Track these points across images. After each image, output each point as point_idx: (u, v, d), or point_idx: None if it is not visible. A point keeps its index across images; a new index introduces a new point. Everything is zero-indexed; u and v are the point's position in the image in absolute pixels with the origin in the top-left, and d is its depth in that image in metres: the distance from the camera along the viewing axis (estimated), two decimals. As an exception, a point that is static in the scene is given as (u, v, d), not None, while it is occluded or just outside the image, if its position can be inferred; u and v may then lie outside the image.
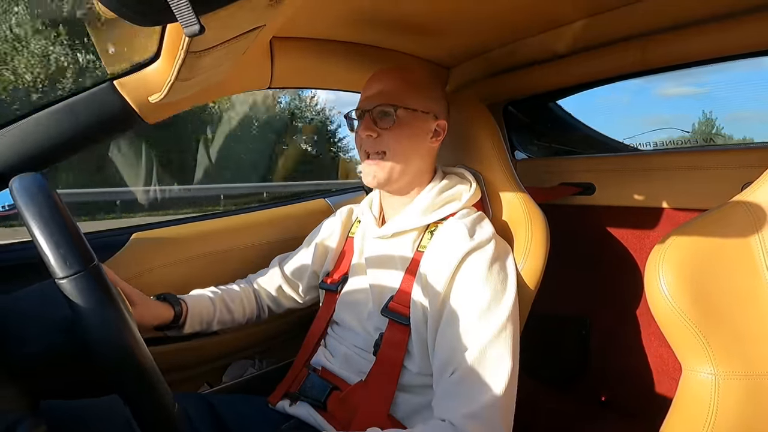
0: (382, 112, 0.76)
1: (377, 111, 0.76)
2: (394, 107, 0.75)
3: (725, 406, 0.55)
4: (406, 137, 0.77)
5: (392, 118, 0.76)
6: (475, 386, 0.63)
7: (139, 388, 0.44)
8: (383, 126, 0.76)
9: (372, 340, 0.76)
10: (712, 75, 1.02)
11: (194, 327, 0.85)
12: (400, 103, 0.76)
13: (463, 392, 0.63)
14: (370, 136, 0.76)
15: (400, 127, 0.76)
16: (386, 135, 0.76)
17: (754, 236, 0.58)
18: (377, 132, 0.76)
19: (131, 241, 0.96)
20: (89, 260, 0.44)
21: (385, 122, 0.76)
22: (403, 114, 0.76)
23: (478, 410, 0.61)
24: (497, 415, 0.62)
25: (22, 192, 0.46)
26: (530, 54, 1.04)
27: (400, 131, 0.76)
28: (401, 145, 0.76)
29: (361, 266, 0.84)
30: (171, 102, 0.75)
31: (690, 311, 0.57)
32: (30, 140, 0.70)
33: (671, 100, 2.20)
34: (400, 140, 0.76)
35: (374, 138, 0.76)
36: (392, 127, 0.76)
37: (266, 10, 0.46)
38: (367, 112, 0.77)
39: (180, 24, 0.32)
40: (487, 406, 0.61)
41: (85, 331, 0.42)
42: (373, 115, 0.77)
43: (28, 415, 0.38)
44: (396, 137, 0.76)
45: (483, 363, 0.63)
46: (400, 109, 0.76)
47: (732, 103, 1.23)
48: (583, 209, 1.13)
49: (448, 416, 0.62)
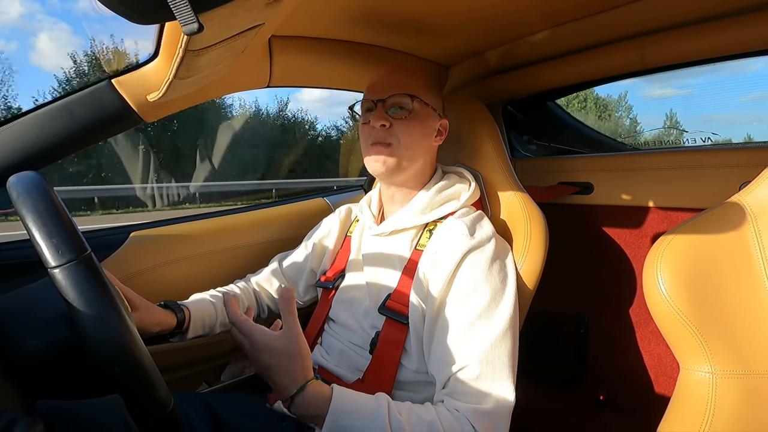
0: (398, 102, 0.76)
1: (392, 101, 0.76)
2: (411, 97, 0.75)
3: (723, 405, 0.55)
4: (417, 130, 0.77)
5: (407, 109, 0.75)
6: (480, 385, 0.63)
7: (133, 380, 0.43)
8: (397, 117, 0.76)
9: (369, 337, 0.76)
10: (693, 78, 1.03)
11: (197, 332, 0.85)
12: (417, 94, 0.76)
13: (470, 390, 0.63)
14: (383, 126, 0.75)
15: (413, 120, 0.76)
16: (398, 126, 0.75)
17: (751, 235, 0.59)
18: (390, 122, 0.75)
19: (130, 239, 0.96)
20: (82, 250, 0.44)
21: (399, 113, 0.76)
22: (418, 106, 0.76)
23: (485, 409, 0.61)
24: (502, 414, 0.62)
25: (18, 189, 0.46)
26: (529, 53, 1.04)
27: (412, 123, 0.76)
28: (412, 138, 0.76)
29: (359, 263, 0.84)
30: (169, 101, 0.75)
31: (687, 310, 0.58)
32: (29, 139, 0.70)
33: (655, 101, 2.26)
34: (411, 132, 0.76)
35: (387, 128, 0.75)
36: (406, 118, 0.75)
37: (265, 8, 0.46)
38: (380, 101, 0.76)
39: (179, 22, 0.32)
40: (492, 404, 0.62)
41: (78, 320, 0.42)
42: (387, 105, 0.76)
43: (25, 414, 0.38)
44: (408, 129, 0.76)
45: (487, 362, 0.63)
46: (417, 101, 0.76)
47: (704, 107, 1.24)
48: (582, 208, 1.13)
49: (461, 408, 0.62)
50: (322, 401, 0.58)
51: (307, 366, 0.60)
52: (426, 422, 0.59)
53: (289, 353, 0.59)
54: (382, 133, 0.75)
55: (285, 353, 0.59)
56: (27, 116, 0.70)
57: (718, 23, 0.81)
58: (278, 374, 0.59)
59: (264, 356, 0.60)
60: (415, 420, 0.59)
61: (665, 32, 0.87)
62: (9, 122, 0.70)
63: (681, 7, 0.81)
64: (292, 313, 0.60)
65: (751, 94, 7.95)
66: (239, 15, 0.45)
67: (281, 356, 0.59)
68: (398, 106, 0.76)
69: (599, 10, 0.83)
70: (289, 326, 0.60)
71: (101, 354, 0.42)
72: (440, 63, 1.13)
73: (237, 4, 0.38)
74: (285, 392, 0.58)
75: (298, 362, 0.59)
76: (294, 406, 0.58)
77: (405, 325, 0.72)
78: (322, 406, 0.58)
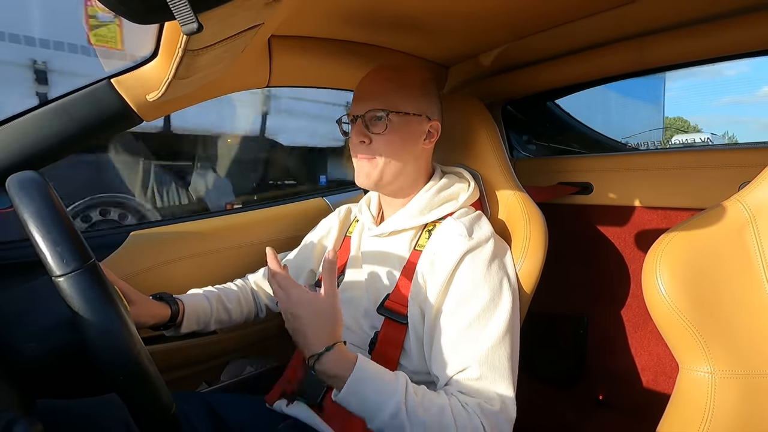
0: (374, 117, 0.75)
1: (369, 116, 0.75)
2: (386, 112, 0.74)
3: (722, 405, 0.55)
4: (399, 142, 0.76)
5: (384, 123, 0.74)
6: (481, 386, 0.63)
7: (137, 387, 0.43)
8: (375, 131, 0.75)
9: (368, 338, 0.76)
10: (674, 82, 1.04)
11: (191, 327, 0.85)
12: (392, 108, 0.74)
13: (470, 391, 0.63)
14: (362, 143, 0.75)
15: (393, 132, 0.75)
16: (378, 140, 0.75)
17: (751, 235, 0.59)
18: (369, 138, 0.75)
19: (129, 239, 0.96)
20: (87, 258, 0.44)
21: (377, 127, 0.75)
22: (396, 118, 0.75)
23: (487, 409, 0.61)
24: (502, 415, 0.62)
25: (18, 190, 0.46)
26: (529, 53, 1.04)
27: (392, 136, 0.75)
28: (394, 150, 0.76)
29: (358, 264, 0.84)
30: (169, 100, 0.75)
31: (687, 310, 0.58)
32: (28, 139, 0.70)
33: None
34: (393, 145, 0.75)
35: (367, 144, 0.75)
36: (385, 132, 0.75)
37: (264, 8, 0.46)
38: (359, 117, 0.76)
39: (178, 22, 0.32)
40: (493, 405, 0.62)
41: (83, 329, 0.42)
42: (365, 120, 0.75)
43: (25, 414, 0.38)
44: (389, 142, 0.75)
45: (487, 363, 0.63)
46: (392, 114, 0.74)
47: (682, 109, 1.24)
48: (581, 209, 1.13)
49: (470, 403, 0.62)
50: (347, 364, 0.60)
51: (339, 329, 0.63)
52: (437, 407, 0.60)
53: (326, 312, 0.62)
54: (363, 148, 0.76)
55: (322, 311, 0.62)
56: (26, 116, 0.70)
57: (717, 23, 0.81)
58: (311, 330, 0.61)
59: (300, 310, 0.62)
60: (428, 403, 0.60)
61: (664, 32, 0.87)
62: (8, 122, 0.70)
63: (680, 7, 0.81)
64: (333, 277, 0.64)
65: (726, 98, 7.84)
66: (239, 15, 0.45)
67: (317, 313, 0.61)
68: (375, 120, 0.75)
69: (598, 10, 0.82)
70: (328, 288, 0.63)
71: (106, 363, 0.42)
72: (439, 63, 1.13)
73: (236, 4, 0.38)
74: (314, 348, 0.60)
75: (332, 322, 0.62)
76: (320, 362, 0.60)
77: (404, 325, 0.72)
78: (346, 369, 0.60)
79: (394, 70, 0.80)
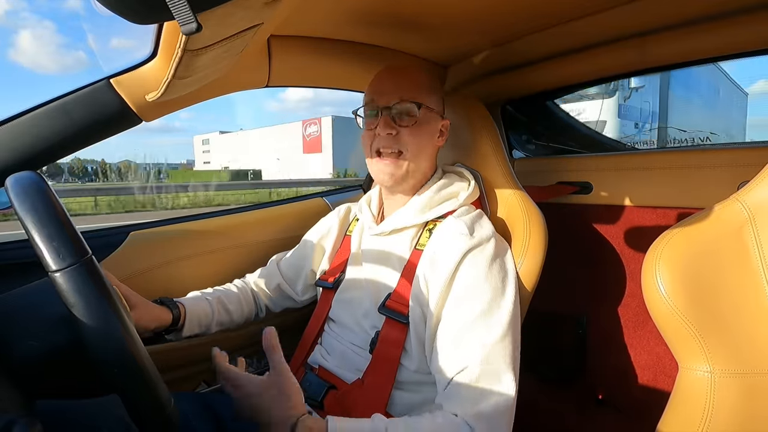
0: (404, 110, 0.75)
1: (399, 108, 0.75)
2: (417, 105, 0.75)
3: (721, 404, 0.55)
4: (424, 136, 0.77)
5: (414, 116, 0.75)
6: (481, 386, 0.63)
7: (134, 382, 0.43)
8: (403, 124, 0.75)
9: (369, 337, 0.76)
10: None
11: (193, 330, 0.85)
12: (423, 101, 0.76)
13: (470, 392, 0.63)
14: (390, 134, 0.75)
15: (420, 127, 0.76)
16: (405, 133, 0.75)
17: (750, 235, 0.59)
18: (397, 130, 0.75)
19: (129, 239, 0.96)
20: (83, 253, 0.44)
21: (406, 120, 0.75)
22: (424, 112, 0.76)
23: (486, 411, 0.61)
24: (501, 416, 0.62)
25: (17, 189, 0.46)
26: (528, 53, 1.04)
27: (419, 129, 0.76)
28: (419, 145, 0.76)
29: (358, 263, 0.84)
30: (168, 100, 0.75)
31: (686, 309, 0.58)
32: (27, 139, 0.70)
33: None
34: (418, 139, 0.76)
35: (393, 136, 0.75)
36: (413, 125, 0.75)
37: (264, 8, 0.46)
38: (386, 109, 0.76)
39: (177, 22, 0.32)
40: (493, 405, 0.62)
41: (79, 324, 0.42)
42: (393, 113, 0.76)
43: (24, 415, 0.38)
44: (415, 136, 0.76)
45: (489, 363, 0.63)
46: (423, 108, 0.76)
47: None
48: (581, 208, 1.13)
49: (460, 413, 0.62)
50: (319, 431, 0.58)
51: (299, 401, 0.59)
52: (425, 428, 0.59)
53: (281, 390, 0.59)
54: (389, 141, 0.75)
55: (275, 395, 0.59)
56: (25, 116, 0.70)
57: (718, 23, 0.81)
58: (273, 412, 0.58)
59: (254, 399, 0.60)
60: (414, 426, 0.60)
61: (665, 32, 0.87)
62: (7, 122, 0.70)
63: (681, 7, 0.81)
64: (276, 352, 0.60)
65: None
66: (238, 15, 0.45)
67: (273, 397, 0.59)
68: (405, 114, 0.76)
69: (599, 9, 0.82)
70: (276, 364, 0.60)
71: (102, 358, 0.42)
72: (439, 62, 1.13)
73: (236, 4, 0.38)
74: (281, 429, 0.57)
75: (287, 399, 0.59)
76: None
77: (405, 324, 0.72)
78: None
79: (414, 68, 0.81)
